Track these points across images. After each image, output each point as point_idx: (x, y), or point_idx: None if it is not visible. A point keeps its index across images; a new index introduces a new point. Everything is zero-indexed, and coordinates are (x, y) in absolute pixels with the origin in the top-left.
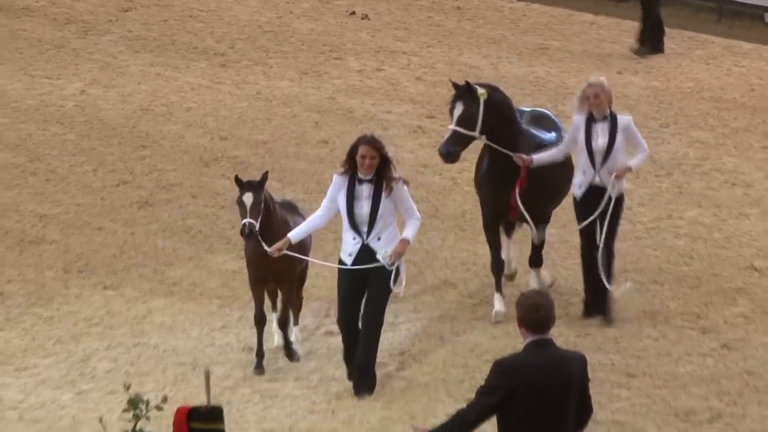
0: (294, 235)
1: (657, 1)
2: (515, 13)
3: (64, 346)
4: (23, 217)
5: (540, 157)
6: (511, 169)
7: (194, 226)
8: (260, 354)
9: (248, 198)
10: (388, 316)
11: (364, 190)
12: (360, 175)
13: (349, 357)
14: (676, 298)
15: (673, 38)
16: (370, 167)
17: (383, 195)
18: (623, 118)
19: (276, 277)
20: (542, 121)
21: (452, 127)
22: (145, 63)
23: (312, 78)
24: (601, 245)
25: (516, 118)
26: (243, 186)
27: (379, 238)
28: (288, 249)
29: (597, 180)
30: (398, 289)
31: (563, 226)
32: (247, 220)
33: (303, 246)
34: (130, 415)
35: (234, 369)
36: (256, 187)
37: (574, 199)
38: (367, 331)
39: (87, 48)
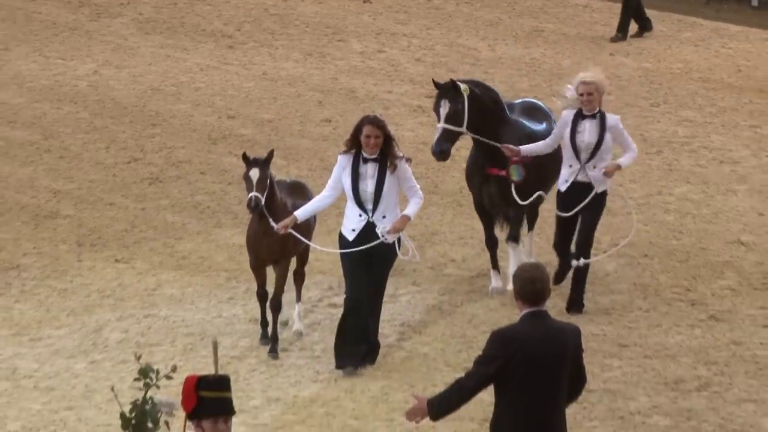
0: (300, 214)
1: None
2: None
3: (77, 318)
4: (38, 192)
5: (527, 149)
6: (497, 161)
7: (203, 201)
8: (265, 325)
9: (255, 173)
10: (389, 288)
11: (369, 169)
12: (365, 154)
13: (341, 341)
14: (665, 271)
15: (663, 21)
16: (375, 146)
17: (387, 173)
18: (612, 117)
19: (274, 259)
20: (534, 112)
21: (441, 125)
22: (155, 45)
23: (316, 59)
24: (577, 243)
25: (501, 110)
26: (250, 162)
27: (384, 216)
28: (292, 229)
29: (581, 176)
30: (408, 256)
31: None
32: (253, 194)
33: (307, 226)
34: (140, 383)
35: (241, 339)
36: (262, 164)
37: (558, 191)
38: (373, 303)
39: (99, 30)
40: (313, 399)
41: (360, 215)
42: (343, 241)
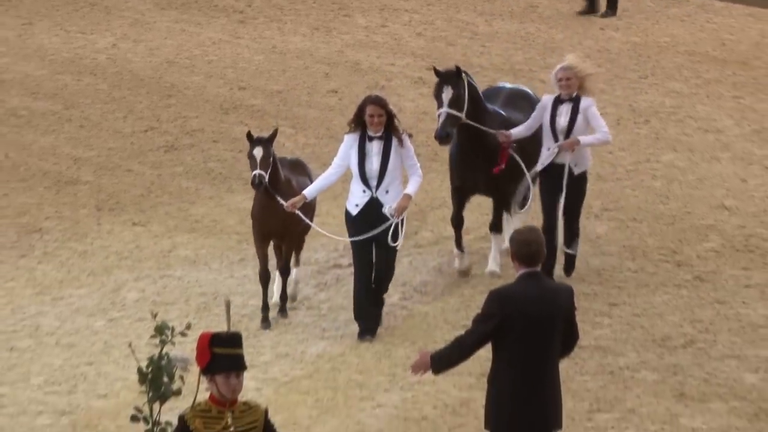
0: (309, 192)
1: None
2: None
3: (96, 278)
4: (60, 159)
5: (514, 132)
6: (478, 150)
7: (215, 168)
8: (266, 309)
9: (258, 152)
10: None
11: (374, 147)
12: (370, 132)
13: (360, 313)
14: (653, 234)
15: None
16: (379, 124)
17: (392, 150)
18: (586, 100)
19: (279, 234)
20: (519, 100)
21: (445, 109)
22: (170, 19)
23: (323, 33)
24: (562, 223)
25: (482, 99)
26: (253, 141)
27: (387, 191)
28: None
29: (559, 158)
30: (395, 243)
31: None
32: (257, 171)
33: (310, 205)
34: (156, 340)
35: (251, 299)
36: (266, 142)
37: (539, 173)
38: (379, 283)
39: (118, 5)
40: (320, 355)
41: (364, 191)
42: (348, 217)
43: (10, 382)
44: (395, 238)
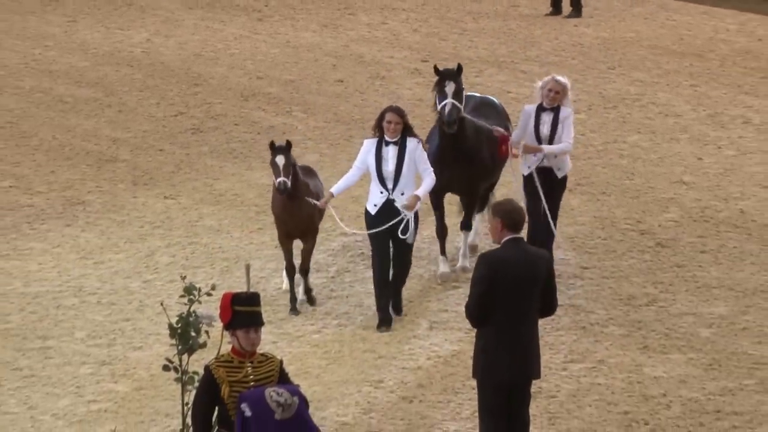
0: (335, 190)
1: None
2: None
3: (132, 244)
4: (100, 140)
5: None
6: (456, 150)
7: (236, 148)
8: (293, 299)
9: (280, 159)
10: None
11: (390, 151)
12: (387, 138)
13: (380, 304)
14: (620, 206)
15: None
16: (395, 131)
17: (406, 155)
18: (565, 110)
19: (301, 232)
20: (486, 108)
21: (450, 100)
22: (197, 17)
23: (330, 30)
24: (543, 220)
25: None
26: (275, 150)
27: (402, 193)
28: (307, 204)
29: (544, 163)
30: (407, 236)
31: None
32: (281, 178)
33: (318, 195)
34: (185, 299)
35: (268, 263)
36: (286, 150)
37: (524, 177)
38: (395, 276)
39: (151, 5)
40: (328, 312)
41: (381, 192)
42: (367, 215)
43: (57, 336)
44: (404, 231)
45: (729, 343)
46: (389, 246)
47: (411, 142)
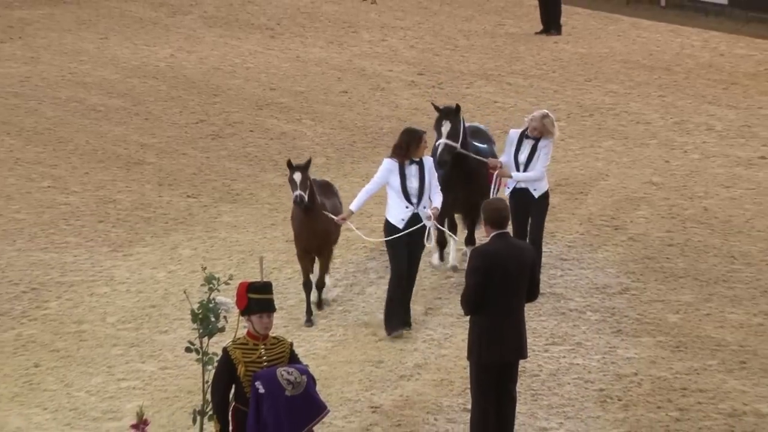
0: (355, 205)
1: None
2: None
3: (158, 238)
4: (129, 145)
5: (494, 161)
6: (460, 175)
7: (252, 152)
8: (309, 312)
9: (297, 176)
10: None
11: (413, 170)
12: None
13: (390, 311)
14: (596, 204)
15: (593, 18)
16: (421, 152)
17: (426, 172)
18: (545, 141)
19: (318, 248)
20: (478, 134)
21: (443, 140)
22: (216, 35)
23: (336, 46)
24: (529, 238)
25: (466, 132)
26: (293, 168)
27: (424, 207)
28: (325, 218)
29: (521, 184)
30: (429, 243)
31: None
32: (299, 192)
33: (335, 214)
34: (206, 288)
35: (280, 255)
36: (303, 168)
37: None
38: (409, 275)
39: (175, 24)
40: (334, 299)
41: (407, 207)
42: (390, 228)
43: (90, 320)
44: (428, 239)
45: (694, 327)
46: (406, 259)
47: (428, 161)
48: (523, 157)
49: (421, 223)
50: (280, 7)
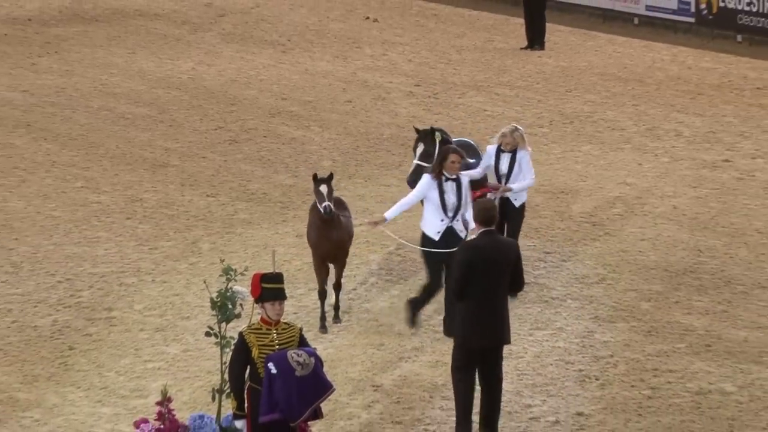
0: (390, 214)
1: (541, 19)
2: (473, 18)
3: (180, 233)
4: (155, 149)
5: (470, 173)
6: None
7: (265, 155)
8: (323, 318)
9: (324, 188)
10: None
11: (450, 186)
12: (446, 174)
13: (415, 309)
14: (576, 202)
15: (573, 34)
16: (456, 169)
17: (463, 189)
18: (521, 152)
19: (334, 256)
20: (467, 149)
21: (415, 161)
22: (233, 50)
23: (341, 60)
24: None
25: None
26: (318, 180)
27: (458, 220)
28: (343, 227)
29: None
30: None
31: None
32: (326, 203)
33: (350, 233)
34: (224, 278)
35: (290, 249)
36: (328, 180)
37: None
38: (447, 290)
39: (196, 40)
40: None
41: (442, 220)
42: (427, 240)
43: (120, 308)
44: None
45: (664, 314)
46: (443, 268)
47: (464, 178)
48: (503, 168)
49: (463, 236)
50: (291, 24)
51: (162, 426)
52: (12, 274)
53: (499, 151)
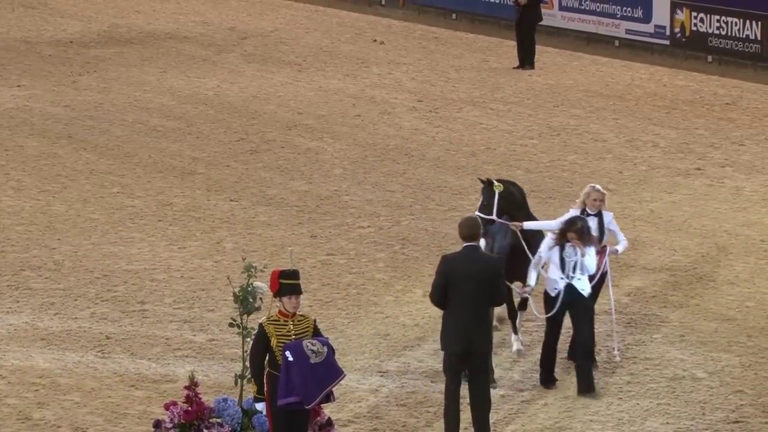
0: (528, 223)
1: (531, 42)
2: (470, 40)
3: (206, 234)
4: (183, 158)
5: (531, 224)
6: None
7: (282, 164)
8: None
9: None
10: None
11: (591, 222)
12: (588, 210)
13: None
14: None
15: (560, 55)
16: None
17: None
18: (607, 215)
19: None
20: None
21: (476, 213)
22: (254, 69)
23: (351, 78)
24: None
25: (526, 204)
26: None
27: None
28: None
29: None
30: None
31: None
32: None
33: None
34: (245, 275)
35: (305, 248)
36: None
37: None
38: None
39: (220, 61)
40: (349, 283)
41: (561, 278)
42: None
43: (151, 301)
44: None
45: (642, 307)
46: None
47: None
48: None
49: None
50: (306, 46)
51: (189, 408)
52: (54, 271)
53: (583, 214)
